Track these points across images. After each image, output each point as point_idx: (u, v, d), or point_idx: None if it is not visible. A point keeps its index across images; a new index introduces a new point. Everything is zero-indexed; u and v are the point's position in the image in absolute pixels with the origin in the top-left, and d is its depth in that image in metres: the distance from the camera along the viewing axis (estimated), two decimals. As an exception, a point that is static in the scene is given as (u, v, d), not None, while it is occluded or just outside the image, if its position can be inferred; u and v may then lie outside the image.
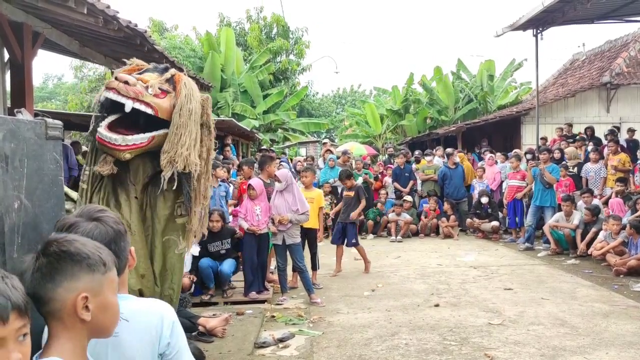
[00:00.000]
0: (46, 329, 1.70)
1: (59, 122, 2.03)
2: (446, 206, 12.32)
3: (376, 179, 13.63)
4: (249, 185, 6.95)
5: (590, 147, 11.81)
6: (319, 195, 8.01)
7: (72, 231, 1.84)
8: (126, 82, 2.97)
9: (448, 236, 11.99)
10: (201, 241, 6.91)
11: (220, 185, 8.28)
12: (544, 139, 14.75)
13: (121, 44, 6.76)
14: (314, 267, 7.89)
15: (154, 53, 6.91)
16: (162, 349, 1.81)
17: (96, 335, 1.54)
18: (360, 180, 12.94)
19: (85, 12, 4.81)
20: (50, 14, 5.54)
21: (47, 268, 1.43)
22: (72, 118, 13.01)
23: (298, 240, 7.06)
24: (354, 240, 8.54)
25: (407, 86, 27.68)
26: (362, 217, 12.62)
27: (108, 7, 5.18)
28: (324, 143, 19.08)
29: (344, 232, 8.57)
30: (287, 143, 25.33)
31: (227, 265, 6.88)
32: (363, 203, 8.58)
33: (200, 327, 5.34)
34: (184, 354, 1.90)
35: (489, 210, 11.89)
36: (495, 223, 11.69)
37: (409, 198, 12.77)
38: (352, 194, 8.70)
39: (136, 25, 6.00)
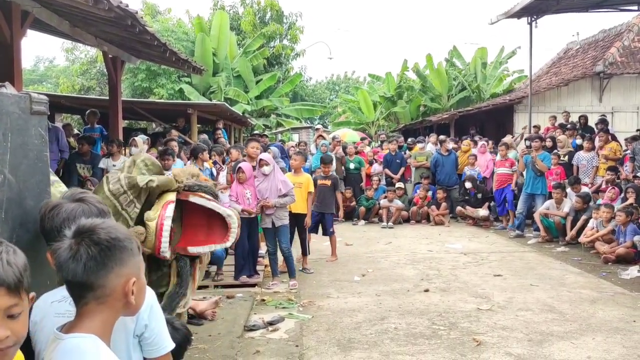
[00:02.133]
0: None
1: (44, 97, 2.00)
2: (440, 195, 12.34)
3: (371, 163, 13.66)
4: (239, 168, 6.92)
5: (583, 136, 11.81)
6: (307, 180, 7.88)
7: (56, 211, 1.85)
8: None
9: (439, 223, 12.03)
10: None
11: (206, 169, 8.25)
12: (537, 127, 14.78)
13: (112, 24, 6.67)
14: (304, 252, 7.89)
15: (145, 34, 6.83)
16: (140, 330, 1.82)
17: (125, 314, 1.60)
18: (352, 166, 12.98)
19: (75, -9, 4.73)
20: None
21: (100, 256, 1.45)
22: (63, 100, 12.88)
23: (286, 221, 7.07)
24: (331, 230, 8.48)
25: (401, 73, 27.60)
26: (354, 202, 12.73)
27: (98, -15, 5.10)
28: (317, 129, 19.04)
29: (321, 222, 8.50)
30: (280, 129, 25.24)
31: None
32: (339, 197, 8.41)
33: (190, 310, 5.34)
34: (163, 337, 1.90)
35: (479, 197, 11.93)
36: (484, 211, 11.71)
37: (401, 185, 12.79)
38: (328, 183, 8.52)
39: (127, 6, 5.91)
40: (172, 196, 3.24)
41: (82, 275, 1.44)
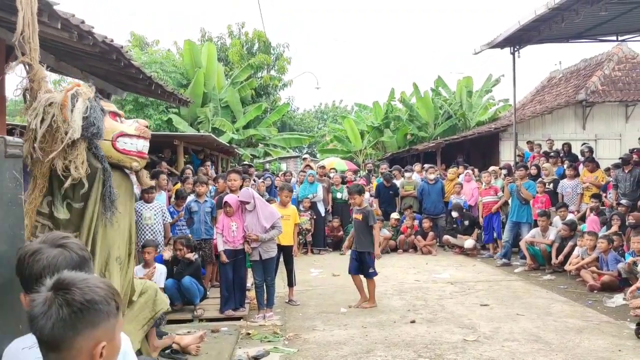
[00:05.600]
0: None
1: (19, 140, 2.01)
2: (426, 224, 12.36)
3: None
4: (225, 202, 6.93)
5: (566, 165, 11.95)
6: (294, 212, 7.98)
7: (36, 257, 1.82)
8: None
9: (426, 253, 12.02)
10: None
11: (206, 201, 8.24)
12: (522, 155, 14.94)
13: (97, 58, 6.72)
14: (290, 283, 7.84)
15: (130, 68, 6.89)
16: None
17: None
18: (338, 196, 13.00)
19: (59, 27, 4.78)
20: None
21: (70, 319, 1.38)
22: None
23: (273, 254, 7.06)
24: (371, 270, 7.62)
25: (388, 102, 27.88)
26: (341, 232, 12.71)
27: (83, 22, 5.15)
28: (304, 158, 19.10)
29: (361, 261, 7.69)
30: (268, 158, 25.29)
31: (187, 279, 6.90)
32: (377, 230, 7.71)
33: (174, 345, 5.27)
34: None
35: (467, 224, 11.98)
36: (470, 242, 11.71)
37: (396, 215, 12.80)
38: (360, 217, 7.76)
39: (112, 41, 5.98)
40: None
41: (48, 334, 1.38)
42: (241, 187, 7.50)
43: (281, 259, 7.78)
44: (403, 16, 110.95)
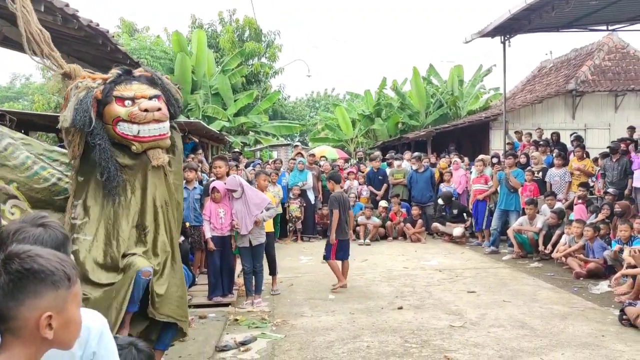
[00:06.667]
0: None
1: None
2: (415, 212, 12.39)
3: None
4: (213, 188, 6.90)
5: (555, 153, 12.00)
6: (272, 199, 7.99)
7: (19, 236, 1.82)
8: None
9: (415, 240, 12.06)
10: None
11: (195, 187, 8.18)
12: (512, 144, 14.98)
13: (83, 43, 6.64)
14: (272, 272, 7.71)
15: (117, 53, 6.82)
16: (87, 358, 1.78)
17: (56, 347, 1.49)
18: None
19: (43, 10, 4.71)
20: (8, 11, 5.41)
21: (8, 286, 1.36)
22: (35, 119, 12.71)
23: (263, 240, 7.02)
24: (324, 254, 7.92)
25: (379, 91, 27.82)
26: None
27: (67, 5, 5.09)
28: (296, 146, 19.07)
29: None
30: (259, 146, 25.21)
31: None
32: (336, 216, 7.71)
33: (160, 331, 5.26)
34: None
35: (455, 212, 12.02)
36: (459, 229, 11.76)
37: (384, 203, 12.80)
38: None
39: (98, 25, 5.91)
40: None
41: None
42: (228, 173, 7.45)
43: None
44: (403, 16, 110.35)
